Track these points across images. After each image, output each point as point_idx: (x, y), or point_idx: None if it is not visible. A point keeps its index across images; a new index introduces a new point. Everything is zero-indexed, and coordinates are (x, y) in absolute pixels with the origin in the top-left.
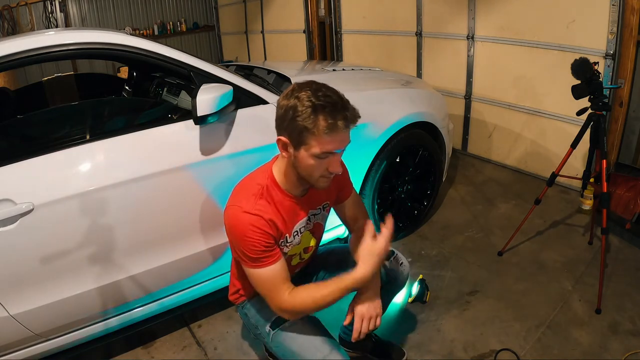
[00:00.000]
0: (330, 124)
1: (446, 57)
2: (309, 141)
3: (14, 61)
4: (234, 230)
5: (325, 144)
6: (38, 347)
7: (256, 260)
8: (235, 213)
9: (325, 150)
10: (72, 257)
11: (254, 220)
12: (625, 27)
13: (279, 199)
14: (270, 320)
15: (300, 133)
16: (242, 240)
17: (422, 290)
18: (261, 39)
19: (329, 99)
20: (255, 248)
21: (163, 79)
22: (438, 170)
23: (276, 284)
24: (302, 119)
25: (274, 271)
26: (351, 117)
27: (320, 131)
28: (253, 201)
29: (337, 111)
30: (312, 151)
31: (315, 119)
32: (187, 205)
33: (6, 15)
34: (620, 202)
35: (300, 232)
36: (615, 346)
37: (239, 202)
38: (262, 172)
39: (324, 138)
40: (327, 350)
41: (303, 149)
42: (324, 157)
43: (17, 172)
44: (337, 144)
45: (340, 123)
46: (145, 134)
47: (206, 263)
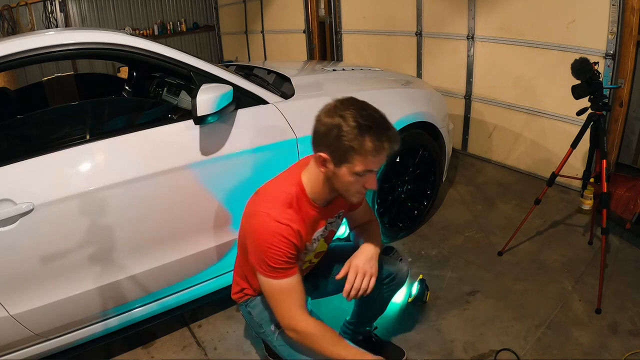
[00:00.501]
0: (377, 146)
1: (446, 57)
2: (353, 160)
3: (14, 61)
4: (260, 238)
5: (369, 163)
6: (38, 347)
7: (276, 270)
8: (264, 221)
9: (367, 169)
10: (72, 257)
11: (283, 229)
12: (625, 27)
13: (305, 209)
14: (275, 320)
15: (345, 152)
16: (267, 249)
17: (422, 290)
18: (261, 39)
19: (375, 120)
20: (279, 258)
21: (163, 79)
22: (438, 170)
23: (292, 296)
24: (348, 139)
25: (291, 284)
26: (394, 137)
27: (367, 152)
28: (282, 210)
29: (382, 132)
30: (354, 170)
31: (362, 140)
32: (187, 205)
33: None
34: (620, 202)
35: (317, 240)
36: (615, 346)
37: (268, 209)
38: (290, 179)
39: (369, 158)
40: None
41: (345, 167)
42: (363, 175)
43: (17, 172)
44: (379, 163)
45: (386, 145)
46: (145, 134)
47: (206, 263)
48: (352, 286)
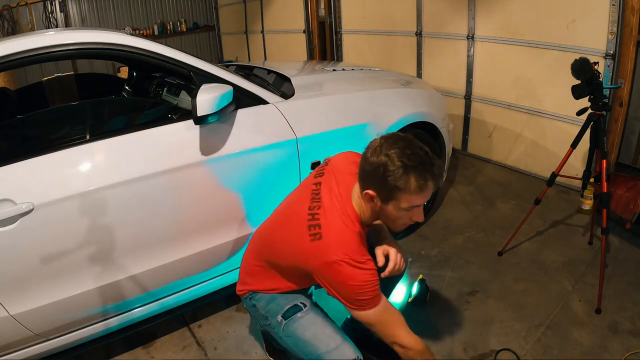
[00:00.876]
0: (422, 185)
1: (446, 57)
2: (399, 198)
3: (14, 61)
4: (354, 287)
5: (414, 200)
6: (38, 347)
7: (372, 300)
8: (354, 272)
9: (413, 205)
10: (72, 257)
11: (372, 275)
12: (625, 27)
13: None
14: (282, 311)
15: (391, 191)
16: (361, 293)
17: (422, 290)
18: (261, 39)
19: (419, 158)
20: (371, 291)
21: (163, 79)
22: None
23: (393, 318)
24: (393, 179)
25: (387, 304)
26: (439, 175)
27: (412, 191)
28: (360, 254)
29: (426, 171)
30: (401, 206)
31: (407, 179)
32: (187, 205)
33: (6, 15)
34: (620, 202)
35: None
36: (615, 346)
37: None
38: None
39: (414, 196)
40: (339, 340)
41: (391, 204)
42: (409, 210)
43: (17, 172)
44: (425, 199)
45: (430, 183)
46: (145, 134)
47: (206, 263)
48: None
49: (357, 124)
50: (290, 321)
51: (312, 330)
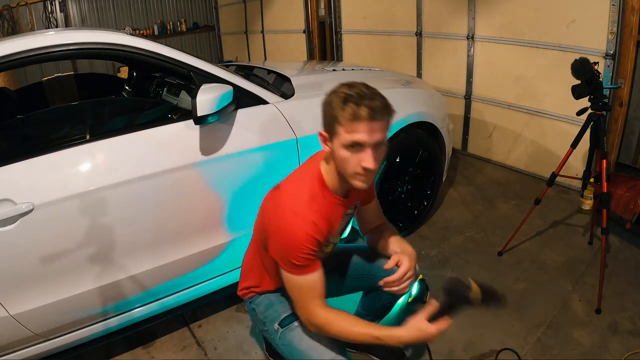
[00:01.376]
0: (354, 111)
1: (446, 57)
2: (338, 130)
3: (14, 61)
4: (286, 237)
5: (350, 131)
6: (38, 347)
7: (299, 267)
8: (291, 220)
9: (351, 139)
10: (72, 257)
11: (309, 228)
12: (625, 27)
13: (327, 202)
14: (279, 318)
15: (331, 123)
16: (292, 248)
17: (422, 290)
18: (261, 39)
19: (359, 90)
20: (303, 256)
21: (163, 79)
22: (438, 170)
23: (312, 292)
24: (332, 109)
25: (313, 281)
26: (377, 107)
27: (345, 118)
28: (308, 207)
29: (362, 100)
30: (341, 140)
31: (342, 108)
32: (187, 205)
33: (6, 15)
34: (620, 202)
35: (340, 232)
36: (615, 346)
37: (293, 207)
38: (311, 172)
39: (348, 126)
40: (334, 352)
41: (335, 140)
42: (354, 149)
43: (17, 172)
44: (364, 134)
45: (363, 110)
46: (145, 134)
47: (206, 263)
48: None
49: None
50: (287, 330)
51: (307, 341)
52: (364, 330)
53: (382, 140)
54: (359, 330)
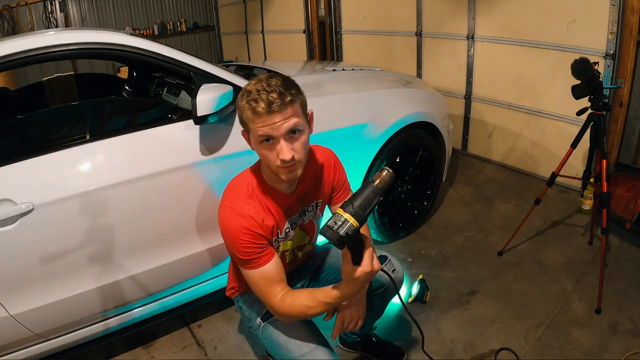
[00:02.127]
0: (253, 107)
1: (446, 57)
2: (249, 128)
3: (14, 61)
4: (226, 232)
5: (255, 127)
6: (38, 347)
7: (248, 262)
8: (227, 215)
9: (260, 134)
10: (72, 257)
11: (245, 222)
12: (625, 27)
13: (268, 197)
14: (261, 313)
15: (242, 123)
16: (233, 242)
17: (422, 290)
18: (261, 39)
19: (259, 85)
20: (247, 250)
21: (163, 79)
22: (438, 170)
23: (269, 284)
24: (240, 108)
25: (266, 272)
26: (273, 98)
27: (248, 117)
28: (243, 202)
29: (260, 93)
30: (253, 137)
31: (245, 107)
32: (187, 205)
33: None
34: (620, 202)
35: (291, 228)
36: (615, 346)
37: (230, 203)
38: (251, 171)
39: (252, 121)
40: (313, 345)
41: (252, 139)
42: (269, 142)
43: (17, 172)
44: (269, 127)
45: (260, 104)
46: (145, 134)
47: (206, 263)
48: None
49: (357, 124)
50: (268, 323)
51: (287, 334)
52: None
53: (294, 128)
54: (312, 304)
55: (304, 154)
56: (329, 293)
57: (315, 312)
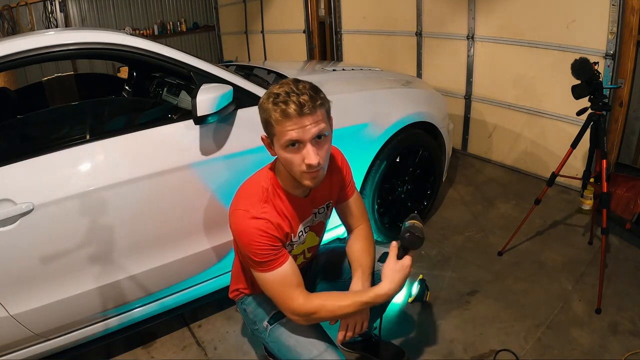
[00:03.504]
0: (282, 110)
1: (446, 57)
2: (275, 132)
3: (14, 61)
4: (241, 235)
5: (284, 130)
6: (38, 347)
7: (264, 265)
8: (241, 218)
9: (288, 138)
10: (72, 257)
11: (261, 224)
12: (625, 27)
13: (282, 201)
14: (268, 316)
15: (267, 126)
16: (249, 245)
17: (422, 290)
18: (261, 39)
19: (287, 88)
20: (263, 252)
21: (163, 79)
22: (438, 170)
23: (287, 287)
24: (265, 111)
25: (283, 274)
26: (304, 101)
27: (277, 118)
28: (259, 206)
29: (289, 96)
30: (279, 141)
31: (273, 109)
32: (187, 205)
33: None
34: (620, 202)
35: (305, 231)
36: (615, 346)
37: (244, 206)
38: (264, 174)
39: (281, 125)
40: (322, 347)
41: (275, 142)
42: (295, 147)
43: (17, 172)
44: (298, 130)
45: (291, 107)
46: (145, 134)
47: (206, 263)
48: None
49: (357, 124)
50: (275, 327)
51: (295, 337)
52: (352, 300)
53: (320, 133)
54: (346, 303)
55: (327, 160)
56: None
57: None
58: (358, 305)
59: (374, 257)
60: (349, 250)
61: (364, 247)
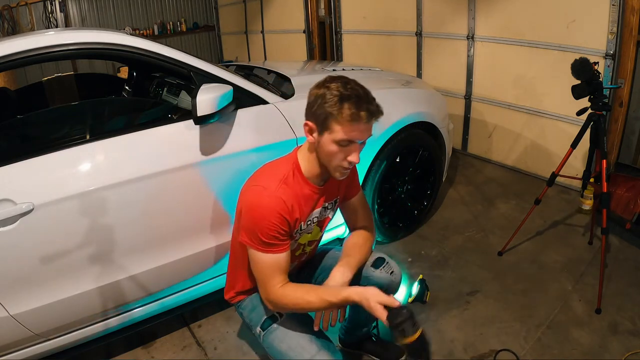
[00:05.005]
0: (354, 113)
1: (446, 57)
2: (333, 127)
3: (14, 61)
4: (254, 210)
5: (347, 131)
6: (38, 347)
7: (266, 245)
8: (258, 193)
9: (346, 138)
10: (72, 257)
11: (276, 203)
12: (625, 27)
13: (300, 186)
14: (260, 321)
15: (326, 118)
16: (259, 221)
17: (422, 290)
18: (261, 39)
19: (356, 92)
20: (271, 232)
21: (163, 79)
22: (438, 170)
23: (274, 272)
24: (329, 105)
25: (278, 260)
26: (374, 110)
27: (344, 118)
28: (276, 185)
29: (361, 102)
30: (334, 137)
31: (340, 107)
32: (187, 205)
33: (6, 15)
34: (620, 202)
35: (314, 221)
36: (615, 346)
37: (262, 182)
38: (287, 158)
39: (346, 126)
40: (314, 350)
41: (327, 134)
42: (344, 145)
43: (17, 172)
44: (358, 133)
45: (363, 114)
46: (145, 134)
47: (206, 263)
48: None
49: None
50: (268, 332)
51: (286, 342)
52: (319, 297)
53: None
54: (314, 299)
55: None
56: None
57: (314, 308)
58: (325, 303)
59: (366, 256)
60: (344, 245)
61: (358, 243)
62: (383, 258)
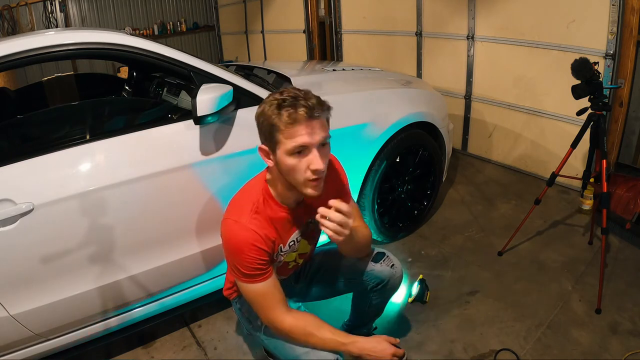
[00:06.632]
0: (291, 114)
1: (446, 57)
2: (279, 138)
3: (14, 61)
4: (229, 245)
5: (292, 136)
6: (38, 347)
7: (249, 276)
8: (231, 227)
9: (296, 144)
10: (72, 257)
11: (249, 236)
12: (625, 27)
13: (273, 211)
14: None
15: (271, 133)
16: (236, 255)
17: (422, 290)
18: (261, 39)
19: (291, 94)
20: (249, 265)
21: (163, 79)
22: (438, 170)
23: (268, 300)
24: (269, 117)
25: (266, 288)
26: (313, 105)
27: (284, 123)
28: (248, 216)
29: (297, 101)
30: (285, 148)
31: (279, 113)
32: (186, 205)
33: (6, 15)
34: (620, 202)
35: (297, 241)
36: (615, 346)
37: (235, 216)
38: (256, 184)
39: (289, 130)
40: None
41: (278, 150)
42: (300, 153)
43: (17, 172)
44: (306, 135)
45: (301, 111)
46: (145, 134)
47: (206, 263)
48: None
49: (357, 124)
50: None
51: None
52: (325, 338)
53: (325, 139)
54: (324, 336)
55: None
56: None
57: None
58: (335, 342)
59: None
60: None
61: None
62: (383, 252)
